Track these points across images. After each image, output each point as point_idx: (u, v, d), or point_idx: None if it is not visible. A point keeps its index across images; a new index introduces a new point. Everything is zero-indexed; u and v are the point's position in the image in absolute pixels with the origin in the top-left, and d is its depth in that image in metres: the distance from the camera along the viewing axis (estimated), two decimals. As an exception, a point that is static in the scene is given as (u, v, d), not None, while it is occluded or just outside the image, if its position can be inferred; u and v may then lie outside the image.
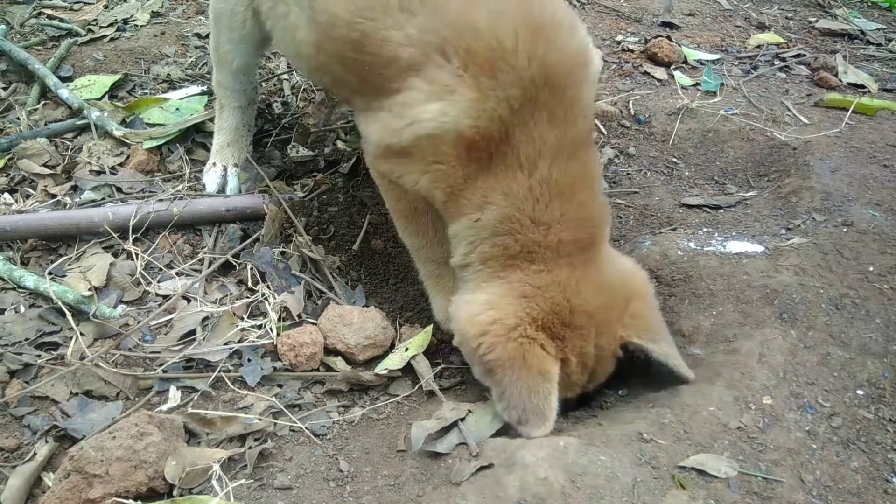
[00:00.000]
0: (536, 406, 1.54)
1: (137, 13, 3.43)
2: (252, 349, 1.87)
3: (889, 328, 1.86)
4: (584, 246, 1.68)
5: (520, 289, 1.63)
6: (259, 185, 2.41)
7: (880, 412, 1.69)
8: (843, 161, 2.50)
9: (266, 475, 1.57)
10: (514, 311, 1.59)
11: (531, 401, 1.54)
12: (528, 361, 1.55)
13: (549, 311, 1.60)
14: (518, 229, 1.62)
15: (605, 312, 1.67)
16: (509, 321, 1.58)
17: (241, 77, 2.41)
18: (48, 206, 2.30)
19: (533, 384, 1.54)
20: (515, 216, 1.62)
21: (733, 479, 1.52)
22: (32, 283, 1.98)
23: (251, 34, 2.23)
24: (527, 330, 1.58)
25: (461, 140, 1.60)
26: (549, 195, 1.61)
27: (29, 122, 2.66)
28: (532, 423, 1.53)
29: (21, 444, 1.65)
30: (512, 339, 1.56)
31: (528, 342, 1.57)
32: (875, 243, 2.08)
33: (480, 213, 1.65)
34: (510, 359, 1.55)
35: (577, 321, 1.62)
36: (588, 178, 1.69)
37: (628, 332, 1.71)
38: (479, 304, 1.64)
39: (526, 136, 1.59)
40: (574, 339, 1.62)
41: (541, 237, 1.63)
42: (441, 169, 1.66)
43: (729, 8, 4.07)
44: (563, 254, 1.65)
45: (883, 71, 3.40)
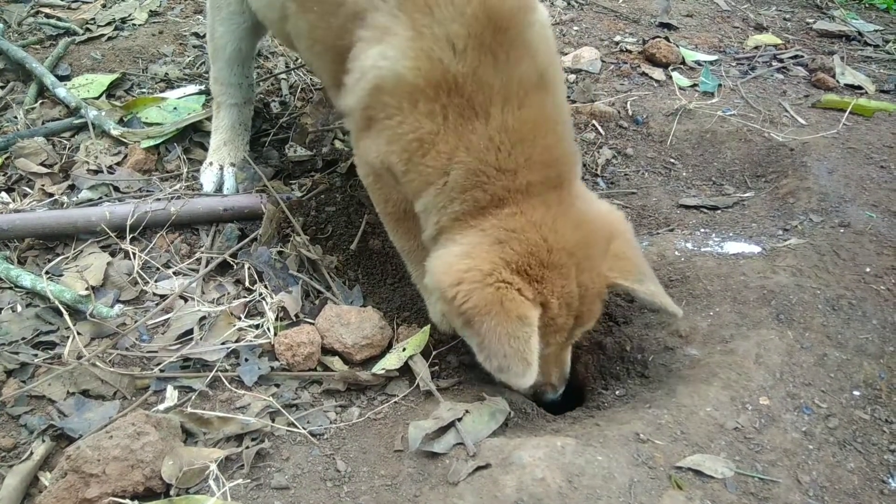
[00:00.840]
0: (517, 351, 1.46)
1: (135, 12, 3.43)
2: (249, 349, 1.87)
3: (885, 329, 1.87)
4: (554, 185, 1.63)
5: (494, 234, 1.57)
6: (257, 184, 2.41)
7: (876, 413, 1.70)
8: (841, 162, 2.50)
9: (263, 475, 1.57)
10: (488, 257, 1.54)
11: (511, 346, 1.46)
12: (506, 307, 1.48)
13: (526, 253, 1.55)
14: (486, 181, 1.57)
15: (586, 248, 1.61)
16: (484, 267, 1.52)
17: (235, 68, 2.42)
18: (45, 205, 2.30)
19: (512, 329, 1.47)
20: (481, 169, 1.57)
21: (730, 479, 1.52)
22: (29, 282, 1.97)
23: (239, 11, 2.26)
24: (502, 274, 1.52)
25: (403, 86, 1.55)
26: (511, 142, 1.56)
27: (26, 121, 2.66)
28: (514, 369, 1.46)
29: (18, 444, 1.65)
30: (488, 285, 1.50)
31: (504, 287, 1.51)
32: (872, 244, 2.09)
33: (446, 175, 1.60)
34: (487, 305, 1.49)
35: (555, 260, 1.56)
36: (548, 122, 1.62)
37: (612, 273, 1.66)
38: (453, 255, 1.58)
39: (476, 82, 1.53)
40: (554, 280, 1.56)
41: (509, 182, 1.57)
42: (391, 126, 1.60)
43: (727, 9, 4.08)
44: (534, 194, 1.59)
45: (880, 72, 3.41)
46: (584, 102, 2.95)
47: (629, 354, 2.01)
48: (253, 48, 2.48)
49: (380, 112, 1.62)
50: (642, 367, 1.95)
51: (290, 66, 3.15)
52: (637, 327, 2.06)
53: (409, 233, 1.90)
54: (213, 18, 2.35)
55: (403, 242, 1.94)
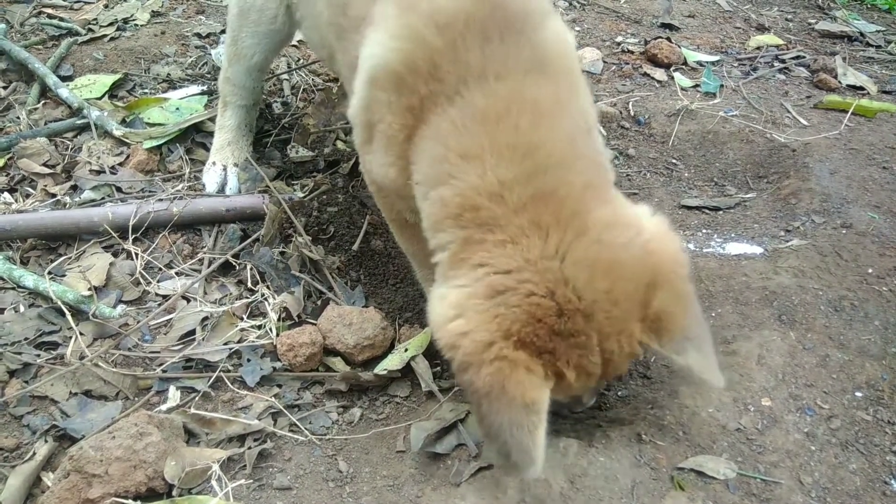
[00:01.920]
0: (520, 443, 1.22)
1: (137, 13, 3.43)
2: (251, 349, 1.87)
3: (888, 330, 1.87)
4: (563, 199, 1.29)
5: (486, 282, 1.28)
6: (259, 185, 2.41)
7: (879, 414, 1.70)
8: (843, 163, 2.50)
9: (265, 475, 1.57)
10: (484, 322, 1.26)
11: (513, 436, 1.22)
12: (509, 391, 1.23)
13: (529, 318, 1.25)
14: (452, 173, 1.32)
15: (612, 307, 1.27)
16: (481, 337, 1.25)
17: (255, 73, 2.43)
18: (48, 205, 2.30)
19: (515, 417, 1.23)
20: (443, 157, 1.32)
21: (732, 480, 1.52)
22: (32, 282, 1.98)
23: (280, 29, 2.25)
24: (503, 350, 1.24)
25: (390, 75, 1.40)
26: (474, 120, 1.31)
27: (29, 122, 2.66)
28: (515, 460, 1.24)
29: (20, 444, 1.65)
30: (486, 362, 1.24)
31: (507, 366, 1.24)
32: (874, 245, 2.09)
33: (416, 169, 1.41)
34: (487, 386, 1.23)
35: (569, 328, 1.26)
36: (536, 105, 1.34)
37: (648, 336, 1.34)
38: (446, 305, 1.31)
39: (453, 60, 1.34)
40: (569, 351, 1.28)
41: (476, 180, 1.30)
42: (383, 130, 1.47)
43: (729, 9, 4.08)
44: (531, 213, 1.28)
45: (882, 73, 3.40)
46: (586, 103, 2.95)
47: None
48: (275, 56, 2.50)
49: (375, 114, 1.48)
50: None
51: (293, 67, 3.15)
52: (639, 328, 2.06)
53: (413, 238, 1.74)
54: (242, 27, 2.30)
55: (409, 246, 1.85)
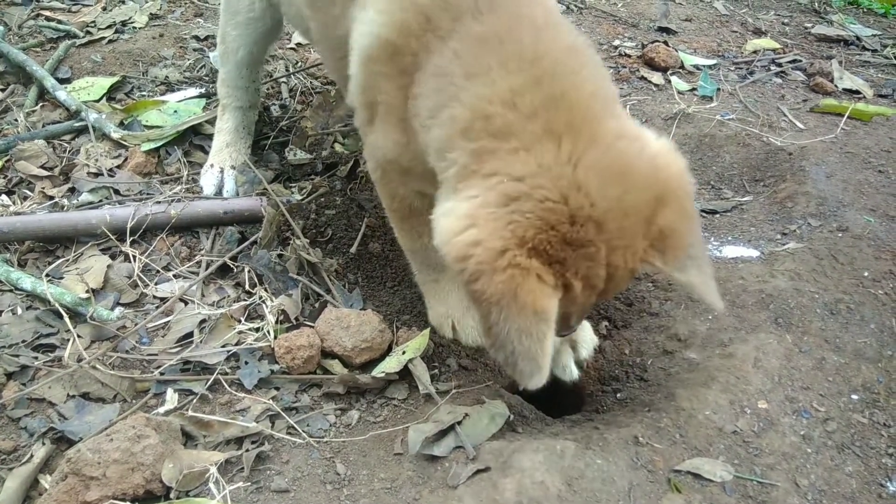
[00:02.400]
0: (528, 350, 1.24)
1: (136, 15, 3.43)
2: (249, 352, 1.87)
3: (883, 333, 1.87)
4: (573, 105, 1.31)
5: (499, 188, 1.27)
6: (257, 187, 2.41)
7: (874, 417, 1.70)
8: (839, 166, 2.51)
9: (263, 478, 1.57)
10: (497, 228, 1.25)
11: (522, 344, 1.24)
12: (520, 299, 1.24)
13: (543, 226, 1.25)
14: (455, 92, 1.34)
15: (622, 218, 1.28)
16: (494, 244, 1.25)
17: (244, 71, 2.43)
18: (45, 207, 2.30)
19: (525, 325, 1.24)
20: (445, 81, 1.35)
21: (728, 483, 1.53)
22: (30, 284, 1.98)
23: (260, 17, 2.26)
24: (516, 257, 1.25)
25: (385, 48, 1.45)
26: (474, 43, 1.35)
27: (27, 124, 2.66)
28: (522, 368, 1.26)
29: (18, 446, 1.65)
30: (499, 270, 1.24)
31: (519, 273, 1.24)
32: (870, 248, 2.10)
33: (417, 114, 1.42)
34: (498, 294, 1.24)
35: (581, 237, 1.26)
36: (535, 24, 1.39)
37: (652, 253, 1.34)
38: (457, 218, 1.30)
39: (442, 5, 1.40)
40: (579, 262, 1.27)
41: (486, 90, 1.32)
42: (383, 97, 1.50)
43: (725, 13, 4.09)
44: (543, 120, 1.29)
45: (878, 77, 3.42)
46: (584, 106, 2.96)
47: (628, 358, 2.01)
48: (264, 53, 2.50)
49: (373, 89, 1.52)
50: (641, 370, 1.96)
51: (291, 70, 3.16)
52: (636, 331, 2.07)
53: (413, 231, 1.79)
54: (227, 22, 2.35)
55: (409, 242, 1.84)
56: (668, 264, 1.35)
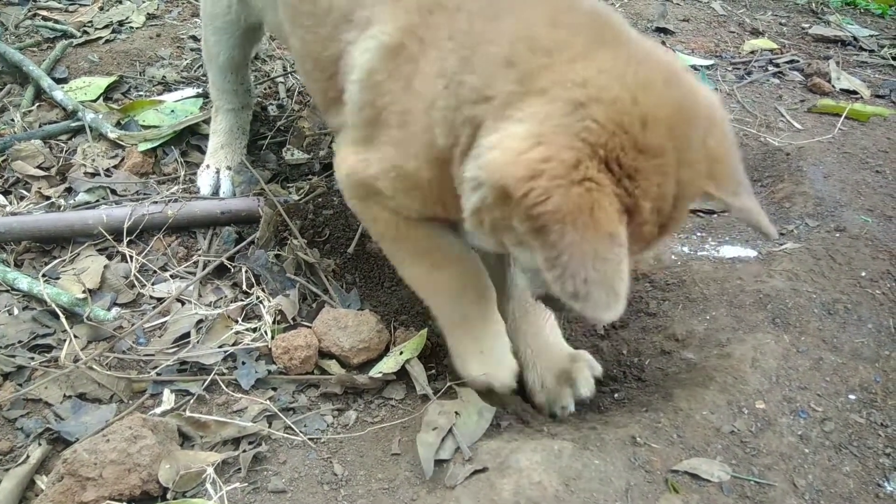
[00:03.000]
0: (604, 277, 1.13)
1: (133, 15, 3.43)
2: (246, 352, 1.87)
3: (881, 333, 1.88)
4: (614, 24, 1.31)
5: (564, 95, 1.19)
6: (254, 187, 2.41)
7: (872, 417, 1.71)
8: (836, 167, 2.52)
9: (260, 479, 1.57)
10: (567, 139, 1.16)
11: (596, 269, 1.12)
12: (596, 217, 1.14)
13: (616, 129, 1.16)
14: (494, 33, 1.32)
15: (686, 126, 1.20)
16: (566, 157, 1.15)
17: (228, 76, 2.42)
18: (42, 207, 2.30)
19: (600, 248, 1.13)
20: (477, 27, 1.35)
21: (726, 483, 1.53)
22: (26, 285, 1.97)
23: (236, 20, 2.23)
24: (589, 169, 1.15)
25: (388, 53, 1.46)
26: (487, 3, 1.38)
27: (23, 124, 2.66)
28: (596, 298, 1.13)
29: (14, 447, 1.64)
30: (574, 183, 1.14)
31: (596, 189, 1.15)
32: (867, 248, 2.10)
33: (443, 65, 1.38)
34: (572, 211, 1.13)
35: (652, 141, 1.17)
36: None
37: (709, 181, 1.27)
38: (519, 139, 1.19)
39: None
40: (650, 174, 1.18)
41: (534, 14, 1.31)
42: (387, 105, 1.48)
43: (723, 14, 4.09)
44: (589, 33, 1.26)
45: (875, 77, 3.42)
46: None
47: (626, 358, 2.01)
48: (247, 56, 2.48)
49: (376, 100, 1.50)
50: (639, 370, 1.96)
51: (288, 70, 3.15)
52: (634, 331, 2.07)
53: (417, 251, 1.66)
54: (206, 27, 2.34)
55: (414, 267, 1.69)
56: (722, 190, 1.29)
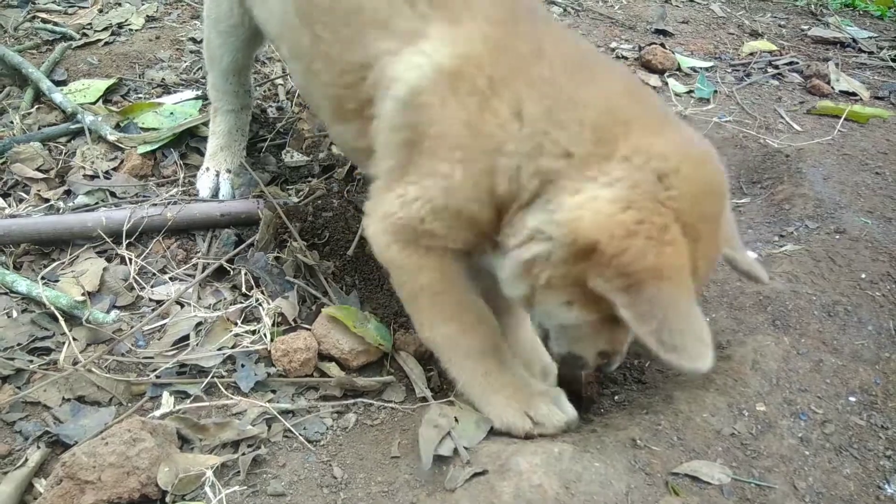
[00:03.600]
0: (694, 329, 1.24)
1: (132, 17, 3.43)
2: (246, 355, 1.87)
3: (881, 335, 1.87)
4: (653, 103, 1.46)
5: (650, 166, 1.31)
6: (253, 189, 2.41)
7: (872, 419, 1.70)
8: (836, 168, 2.52)
9: (259, 481, 1.56)
10: (654, 204, 1.28)
11: (688, 323, 1.24)
12: (685, 276, 1.27)
13: (691, 199, 1.29)
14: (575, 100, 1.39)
15: (724, 196, 1.38)
16: (658, 221, 1.27)
17: (231, 78, 2.41)
18: (41, 210, 2.29)
19: (691, 303, 1.27)
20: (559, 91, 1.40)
21: (726, 485, 1.52)
22: (25, 287, 1.97)
23: (239, 24, 2.22)
24: (676, 235, 1.27)
25: (442, 78, 1.45)
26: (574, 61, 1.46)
27: (22, 126, 2.65)
28: (691, 350, 1.23)
29: (13, 450, 1.64)
30: (667, 244, 1.26)
31: (683, 251, 1.28)
32: (867, 250, 2.10)
33: (518, 118, 1.40)
34: (669, 269, 1.25)
35: (710, 211, 1.33)
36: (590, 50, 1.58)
37: (724, 242, 1.43)
38: (608, 201, 1.29)
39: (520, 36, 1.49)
40: (708, 239, 1.33)
41: (605, 92, 1.41)
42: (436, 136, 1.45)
43: (722, 15, 4.10)
44: (660, 112, 1.42)
45: (875, 79, 3.43)
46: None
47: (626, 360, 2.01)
48: (250, 59, 2.47)
49: (419, 124, 1.45)
50: (639, 372, 1.96)
51: (287, 72, 3.15)
52: (634, 333, 2.06)
53: (450, 311, 1.60)
54: (210, 29, 2.33)
55: (443, 327, 1.60)
56: (734, 248, 1.47)
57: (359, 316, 1.91)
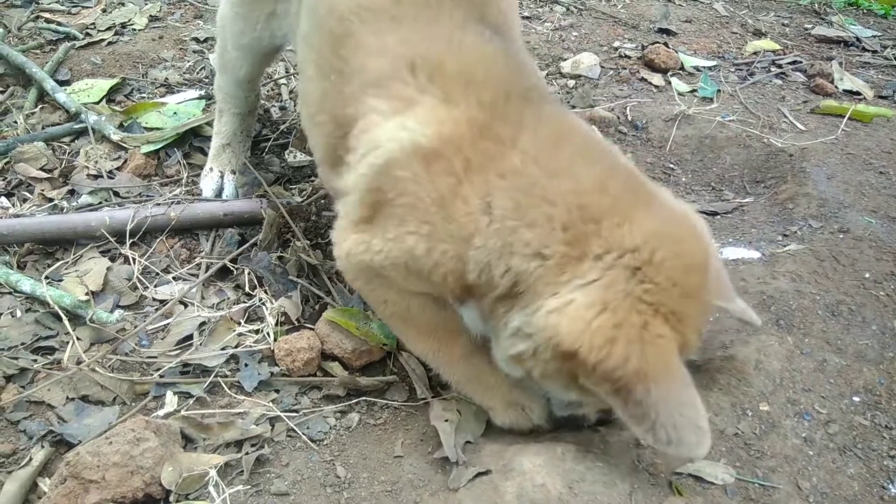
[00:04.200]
0: (690, 420, 1.25)
1: (136, 17, 3.43)
2: (249, 354, 1.87)
3: (885, 335, 1.87)
4: (627, 188, 1.41)
5: (621, 263, 1.29)
6: (257, 189, 2.41)
7: (876, 419, 1.70)
8: (840, 168, 2.51)
9: (263, 481, 1.57)
10: (634, 305, 1.27)
11: (683, 415, 1.25)
12: (672, 369, 1.27)
13: (668, 285, 1.29)
14: (543, 192, 1.35)
15: (709, 262, 1.39)
16: (636, 321, 1.26)
17: (245, 86, 2.39)
18: (45, 210, 2.30)
19: (682, 396, 1.26)
20: (529, 182, 1.36)
21: (730, 485, 1.52)
22: (29, 287, 1.97)
23: (261, 36, 2.18)
24: (657, 326, 1.27)
25: (417, 153, 1.43)
26: (549, 146, 1.41)
27: (26, 126, 2.66)
28: (687, 441, 1.25)
29: (17, 450, 1.64)
30: (648, 343, 1.25)
31: (665, 343, 1.27)
32: (871, 250, 2.09)
33: (488, 212, 1.37)
34: (653, 370, 1.25)
35: (693, 284, 1.33)
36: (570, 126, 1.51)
37: (714, 296, 1.45)
38: (584, 306, 1.28)
39: (502, 119, 1.44)
40: (694, 312, 1.34)
41: (574, 186, 1.36)
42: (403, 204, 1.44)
43: (725, 14, 4.09)
44: (628, 198, 1.37)
45: (878, 78, 3.42)
46: (584, 108, 2.96)
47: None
48: (264, 69, 2.46)
49: (389, 192, 1.46)
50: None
51: (291, 72, 3.16)
52: (637, 333, 2.06)
53: (424, 331, 1.66)
54: (227, 40, 2.26)
55: (422, 344, 1.69)
56: (723, 300, 1.49)
57: (361, 316, 1.91)
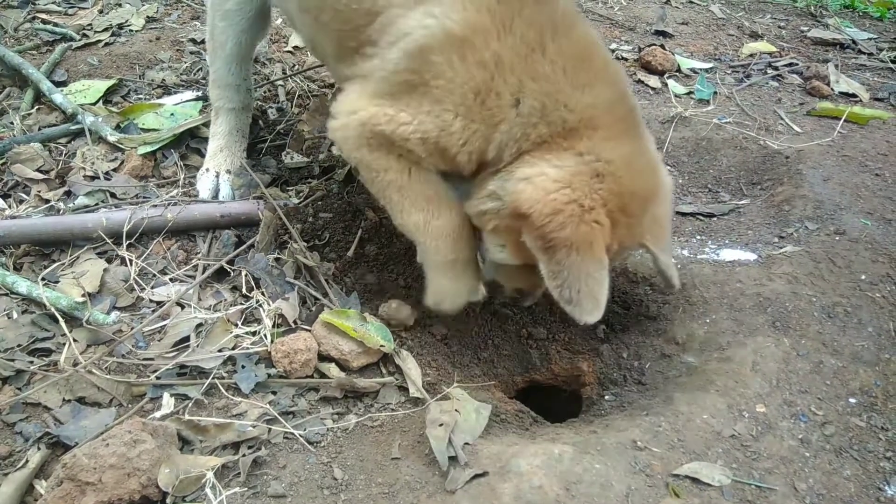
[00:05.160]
0: (591, 290, 1.53)
1: (132, 18, 3.43)
2: (246, 356, 1.87)
3: (881, 336, 1.87)
4: (629, 117, 1.67)
5: (593, 166, 1.59)
6: (254, 191, 2.41)
7: (872, 420, 1.70)
8: (836, 170, 2.52)
9: (260, 483, 1.56)
10: (590, 192, 1.57)
11: (587, 285, 1.53)
12: (594, 248, 1.54)
13: (617, 196, 1.58)
14: (565, 100, 1.60)
15: (649, 202, 1.65)
16: (585, 203, 1.56)
17: (233, 67, 2.41)
18: (41, 211, 2.29)
19: (592, 269, 1.54)
20: (555, 89, 1.59)
21: (727, 487, 1.52)
22: (25, 288, 1.97)
23: (248, 2, 2.25)
24: (599, 215, 1.56)
25: (451, 41, 1.58)
26: (573, 61, 1.61)
27: (23, 127, 2.65)
28: (584, 306, 1.53)
29: (13, 451, 1.64)
30: (585, 223, 1.55)
31: (598, 228, 1.56)
32: (867, 252, 2.10)
33: (516, 107, 1.61)
34: (578, 242, 1.53)
35: (633, 209, 1.61)
36: (601, 49, 1.71)
37: (649, 237, 1.70)
38: (552, 182, 1.58)
39: (525, 21, 1.60)
40: (624, 229, 1.61)
41: (589, 99, 1.61)
42: (440, 85, 1.61)
43: (722, 17, 4.10)
44: (618, 119, 1.64)
45: (874, 80, 3.43)
46: (581, 110, 2.96)
47: (626, 361, 2.01)
48: (252, 46, 2.47)
49: (425, 73, 1.62)
50: (639, 374, 1.96)
51: (287, 73, 3.16)
52: (634, 334, 2.07)
53: (418, 201, 1.80)
54: (214, 13, 2.34)
55: (414, 215, 1.81)
56: (654, 245, 1.71)
57: (358, 318, 1.91)
